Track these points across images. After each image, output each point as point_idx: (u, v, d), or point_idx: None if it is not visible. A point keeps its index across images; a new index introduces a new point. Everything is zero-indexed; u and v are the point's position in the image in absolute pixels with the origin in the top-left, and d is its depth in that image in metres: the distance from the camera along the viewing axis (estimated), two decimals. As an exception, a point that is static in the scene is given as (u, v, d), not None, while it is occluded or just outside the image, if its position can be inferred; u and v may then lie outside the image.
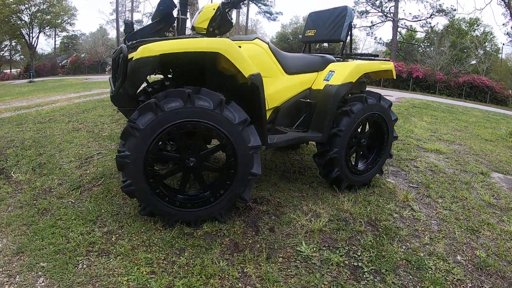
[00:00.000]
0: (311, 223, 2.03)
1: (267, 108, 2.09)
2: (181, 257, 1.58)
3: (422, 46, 32.92)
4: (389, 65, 2.60)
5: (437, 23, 30.32)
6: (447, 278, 1.62)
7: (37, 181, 2.56)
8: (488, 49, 29.14)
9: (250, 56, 2.01)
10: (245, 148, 1.74)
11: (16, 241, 1.74)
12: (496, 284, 1.62)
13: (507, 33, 26.08)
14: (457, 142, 5.05)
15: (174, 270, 1.49)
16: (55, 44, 38.48)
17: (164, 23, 1.99)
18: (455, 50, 25.00)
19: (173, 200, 1.76)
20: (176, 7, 2.03)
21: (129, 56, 1.64)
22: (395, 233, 2.02)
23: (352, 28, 2.55)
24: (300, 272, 1.55)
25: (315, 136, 2.28)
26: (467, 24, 29.40)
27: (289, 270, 1.55)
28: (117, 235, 1.77)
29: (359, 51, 36.32)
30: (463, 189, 2.90)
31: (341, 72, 2.29)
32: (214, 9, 2.04)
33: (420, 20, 31.35)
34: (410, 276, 1.62)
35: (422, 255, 1.82)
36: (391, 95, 15.67)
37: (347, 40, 2.57)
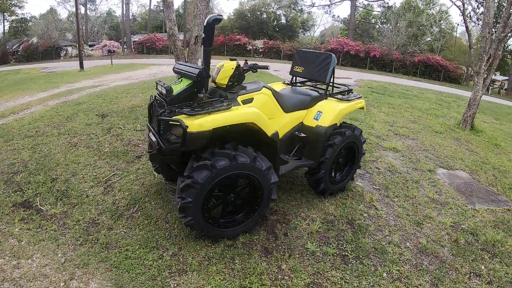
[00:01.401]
0: (310, 226, 3.04)
1: None
2: (235, 264, 2.44)
3: (379, 23, 35.54)
4: (362, 103, 3.63)
5: (395, 2, 32.86)
6: (400, 258, 2.75)
7: (73, 213, 2.98)
8: (443, 27, 32.72)
9: (260, 104, 2.86)
10: (268, 184, 2.63)
11: (107, 279, 2.21)
12: (431, 261, 2.79)
13: (461, 14, 29.31)
14: (411, 137, 6.45)
15: (236, 274, 2.35)
16: (4, 29, 35.57)
17: (197, 87, 2.57)
18: (412, 29, 27.56)
19: (219, 224, 2.61)
20: (209, 76, 2.65)
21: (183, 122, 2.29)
22: (366, 229, 3.12)
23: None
24: (311, 262, 2.56)
25: (310, 163, 3.25)
26: (424, 2, 32.37)
27: (305, 262, 2.55)
28: (181, 256, 2.50)
29: (316, 28, 38.41)
30: (413, 188, 4.15)
31: (328, 115, 3.24)
32: (233, 68, 2.74)
33: (378, 0, 33.61)
34: (377, 259, 2.71)
35: (384, 244, 2.93)
36: (350, 77, 17.24)
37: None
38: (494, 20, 7.23)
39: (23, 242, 2.57)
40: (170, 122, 2.42)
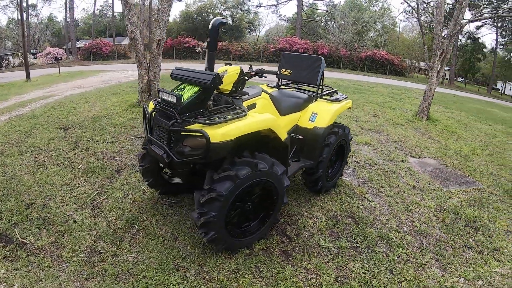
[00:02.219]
0: (317, 224, 3.27)
1: None
2: (262, 271, 2.53)
3: (324, 21, 38.04)
4: (350, 103, 3.98)
5: (340, 1, 35.42)
6: (403, 242, 3.12)
7: (65, 242, 2.73)
8: (386, 23, 36.11)
9: (261, 109, 3.01)
10: (282, 188, 2.76)
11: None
12: (429, 241, 3.20)
13: (405, 11, 32.63)
14: (377, 130, 7.11)
15: (268, 282, 2.43)
16: None
17: (206, 95, 2.55)
18: (357, 26, 30.00)
19: (239, 235, 2.66)
20: (221, 83, 2.62)
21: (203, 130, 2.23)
22: (366, 220, 3.46)
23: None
24: (331, 258, 2.78)
25: (309, 163, 3.48)
26: (367, 0, 35.42)
27: (325, 259, 2.76)
28: (205, 273, 2.45)
29: (262, 27, 40.33)
30: (394, 178, 4.64)
31: (324, 116, 3.49)
32: (237, 74, 2.79)
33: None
34: (385, 245, 3.04)
35: (385, 231, 3.29)
36: None
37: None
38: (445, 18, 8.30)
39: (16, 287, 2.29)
40: (188, 133, 2.34)
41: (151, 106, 2.92)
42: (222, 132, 2.26)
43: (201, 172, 2.92)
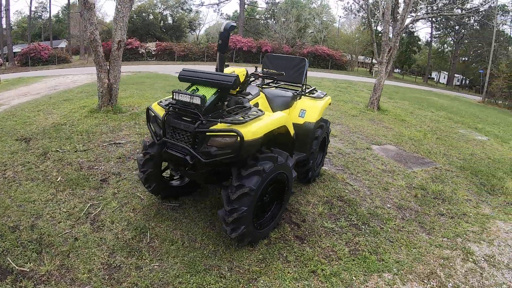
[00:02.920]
0: (316, 209, 3.67)
1: None
2: (287, 256, 2.80)
3: (263, 19, 39.51)
4: (330, 99, 4.45)
5: (281, -2, 36.95)
6: (390, 216, 3.68)
7: (74, 263, 2.58)
8: (324, 19, 38.73)
9: (260, 106, 3.32)
10: (292, 179, 3.06)
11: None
12: (410, 213, 3.81)
13: (344, 8, 35.33)
14: (337, 122, 7.86)
15: (298, 265, 2.69)
16: None
17: (223, 95, 2.72)
18: (299, 23, 31.72)
19: (260, 227, 2.89)
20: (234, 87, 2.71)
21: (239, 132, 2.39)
22: (354, 201, 3.97)
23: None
24: (338, 237, 3.18)
25: (303, 156, 3.85)
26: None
27: (334, 238, 3.15)
28: (238, 267, 2.63)
29: (202, 26, 40.79)
30: (365, 163, 5.29)
31: (313, 112, 3.87)
32: (244, 75, 2.98)
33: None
34: (376, 220, 3.57)
35: (373, 209, 3.83)
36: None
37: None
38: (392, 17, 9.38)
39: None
40: (215, 134, 2.46)
41: (157, 108, 2.99)
42: (253, 131, 2.48)
43: (220, 172, 3.03)
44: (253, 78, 3.93)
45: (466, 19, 31.44)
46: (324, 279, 2.60)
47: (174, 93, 2.68)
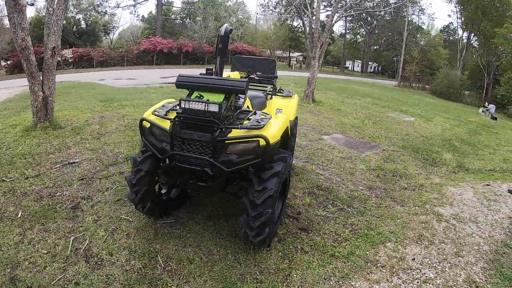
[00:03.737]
0: (304, 201, 3.89)
1: None
2: (303, 247, 2.94)
3: (179, 19, 38.80)
4: (297, 98, 4.69)
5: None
6: (366, 196, 4.12)
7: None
8: (240, 17, 39.52)
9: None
10: (290, 176, 3.24)
11: None
12: (380, 191, 4.32)
13: (261, 4, 36.51)
14: (283, 118, 8.28)
15: (315, 253, 2.86)
16: None
17: (232, 101, 2.66)
18: (218, 22, 31.85)
19: (274, 225, 2.89)
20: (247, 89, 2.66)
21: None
22: (332, 189, 4.32)
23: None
24: (334, 222, 3.44)
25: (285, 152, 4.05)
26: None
27: (331, 223, 3.41)
28: (266, 268, 2.70)
29: (116, 30, 38.47)
30: (324, 153, 5.74)
31: (290, 110, 4.05)
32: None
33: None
34: (357, 202, 3.96)
35: (350, 192, 4.23)
36: (169, 75, 17.94)
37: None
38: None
39: None
40: (234, 141, 2.43)
41: (154, 119, 2.75)
42: (274, 134, 2.52)
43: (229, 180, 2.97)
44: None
45: (378, 13, 35.14)
46: (345, 259, 2.86)
47: (183, 102, 2.48)
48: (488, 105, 18.56)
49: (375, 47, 49.24)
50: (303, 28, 33.16)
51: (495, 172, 5.48)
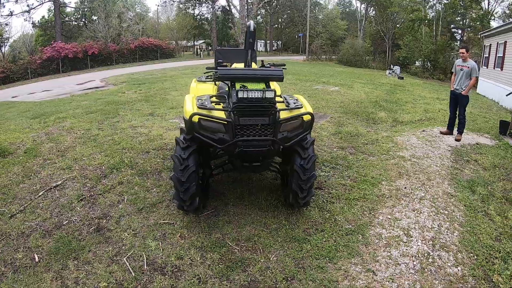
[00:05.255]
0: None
1: None
2: (323, 234, 3.45)
3: (74, 20, 34.60)
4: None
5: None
6: (342, 155, 4.93)
7: None
8: (139, 10, 36.79)
9: None
10: None
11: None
12: (350, 149, 5.17)
13: None
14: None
15: (334, 234, 3.13)
16: None
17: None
18: (120, 20, 29.28)
19: None
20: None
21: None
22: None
23: None
24: (332, 176, 4.17)
25: None
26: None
27: (331, 178, 4.12)
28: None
29: (7, 39, 32.65)
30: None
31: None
32: None
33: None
34: (340, 160, 4.72)
35: (329, 154, 4.97)
36: (93, 78, 16.49)
37: None
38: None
39: None
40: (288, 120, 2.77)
41: (206, 112, 2.80)
42: (311, 110, 2.96)
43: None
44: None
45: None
46: (364, 199, 3.75)
47: (241, 92, 2.63)
48: (393, 67, 20.05)
49: (275, 25, 51.35)
50: (204, 16, 32.85)
51: (423, 121, 7.05)
